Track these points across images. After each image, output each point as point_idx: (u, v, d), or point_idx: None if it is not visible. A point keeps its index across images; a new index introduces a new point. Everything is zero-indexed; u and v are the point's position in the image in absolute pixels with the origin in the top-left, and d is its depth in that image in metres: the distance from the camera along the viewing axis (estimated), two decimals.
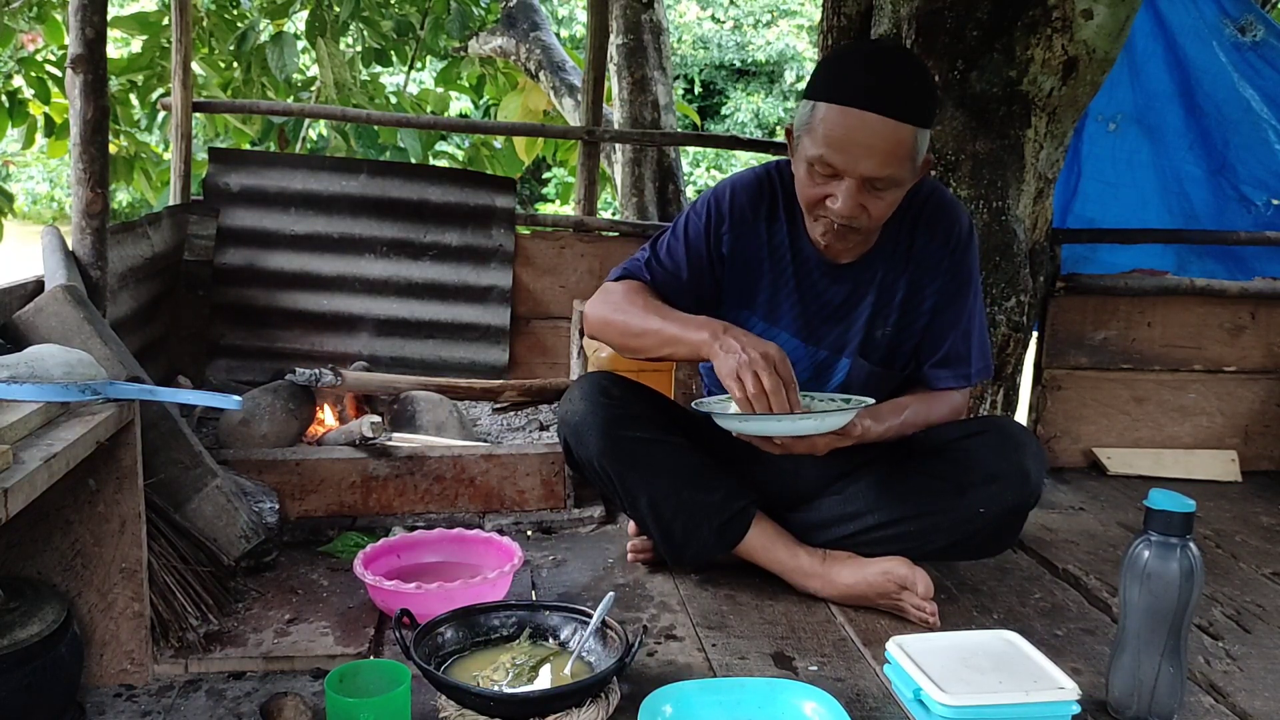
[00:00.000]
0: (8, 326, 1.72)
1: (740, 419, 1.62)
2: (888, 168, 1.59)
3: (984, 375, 1.92)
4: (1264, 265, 2.99)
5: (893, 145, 1.58)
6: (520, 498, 2.24)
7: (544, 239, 3.32)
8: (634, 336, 1.78)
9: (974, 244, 1.85)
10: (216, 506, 1.79)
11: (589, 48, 3.54)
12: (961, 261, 1.82)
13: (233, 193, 3.15)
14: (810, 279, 1.82)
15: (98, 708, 1.42)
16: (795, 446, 1.65)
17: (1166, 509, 1.41)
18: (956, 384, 1.87)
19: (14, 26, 4.67)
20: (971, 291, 1.85)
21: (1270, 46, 2.91)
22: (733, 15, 13.34)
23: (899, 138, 1.58)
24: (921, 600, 1.75)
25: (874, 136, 1.57)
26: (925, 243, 1.80)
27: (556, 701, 1.37)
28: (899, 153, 1.59)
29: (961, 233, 1.81)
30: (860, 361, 1.84)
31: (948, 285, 1.82)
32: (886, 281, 1.82)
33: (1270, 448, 2.89)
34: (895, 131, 1.57)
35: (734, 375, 1.58)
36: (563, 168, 6.74)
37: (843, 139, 1.59)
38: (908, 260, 1.81)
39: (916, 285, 1.82)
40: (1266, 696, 1.57)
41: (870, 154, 1.58)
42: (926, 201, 1.80)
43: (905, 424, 1.80)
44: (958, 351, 1.85)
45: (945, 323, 1.84)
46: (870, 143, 1.57)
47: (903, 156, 1.60)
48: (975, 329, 1.87)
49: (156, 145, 5.73)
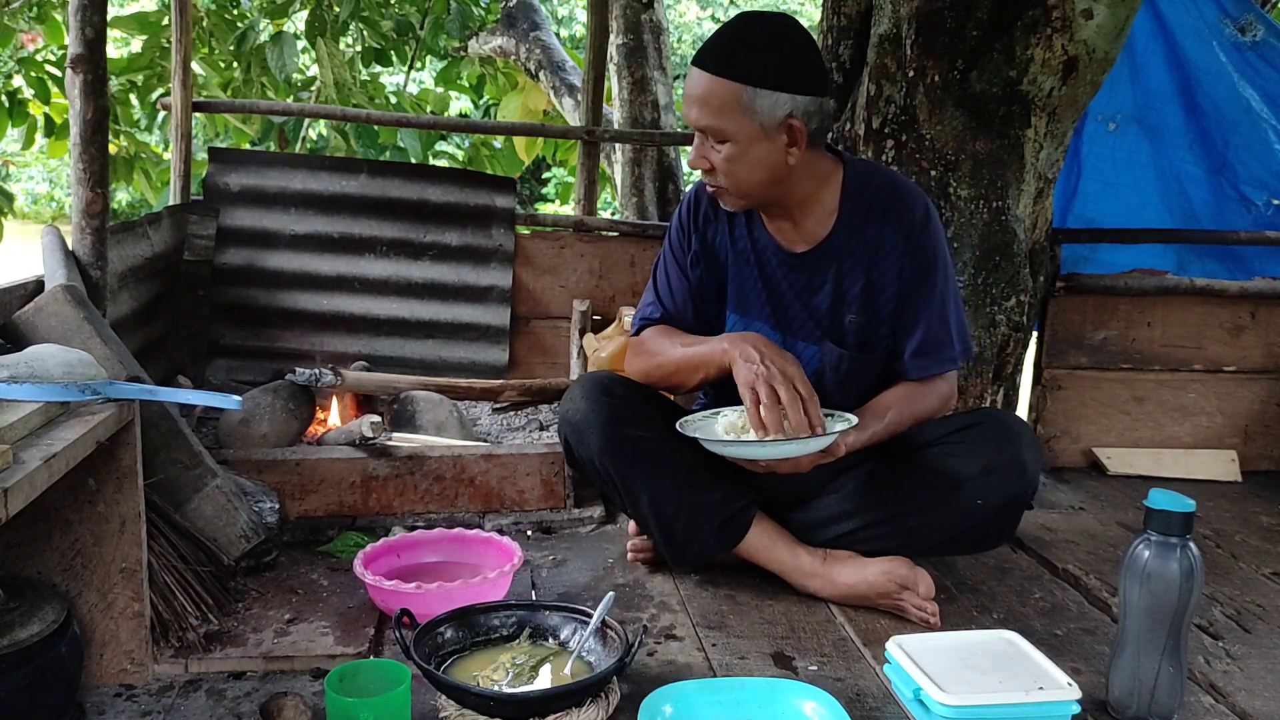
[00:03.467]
0: (8, 326, 1.72)
1: (723, 445, 1.67)
2: (710, 119, 1.68)
3: (966, 357, 1.91)
4: (1264, 265, 2.99)
5: (712, 99, 1.67)
6: (520, 498, 2.24)
7: (544, 239, 3.32)
8: (671, 375, 1.86)
9: (933, 227, 1.82)
10: (216, 506, 1.79)
11: (589, 48, 3.54)
12: (921, 246, 1.80)
13: (233, 193, 3.15)
14: (770, 268, 1.86)
15: (98, 708, 1.42)
16: (780, 467, 1.67)
17: (1166, 509, 1.41)
18: (940, 369, 1.85)
19: (14, 26, 4.67)
20: (939, 274, 1.83)
21: (1270, 46, 2.91)
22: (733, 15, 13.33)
23: (717, 92, 1.67)
24: (922, 600, 1.75)
25: (696, 89, 1.70)
26: (879, 230, 1.80)
27: (556, 701, 1.37)
28: (720, 107, 1.67)
29: (916, 217, 1.80)
30: (831, 347, 1.84)
31: (910, 271, 1.81)
32: (843, 270, 1.82)
33: (1270, 448, 2.89)
34: (714, 85, 1.67)
35: (749, 385, 1.63)
36: (563, 168, 6.74)
37: (684, 93, 1.74)
38: (863, 248, 1.81)
39: (876, 274, 1.81)
40: (1266, 696, 1.57)
41: (692, 104, 1.70)
42: (880, 189, 1.81)
43: (891, 425, 1.80)
44: (936, 338, 1.83)
45: (915, 308, 1.82)
46: (694, 94, 1.70)
47: (726, 111, 1.67)
48: (951, 313, 1.85)
49: (156, 145, 5.74)
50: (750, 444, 1.63)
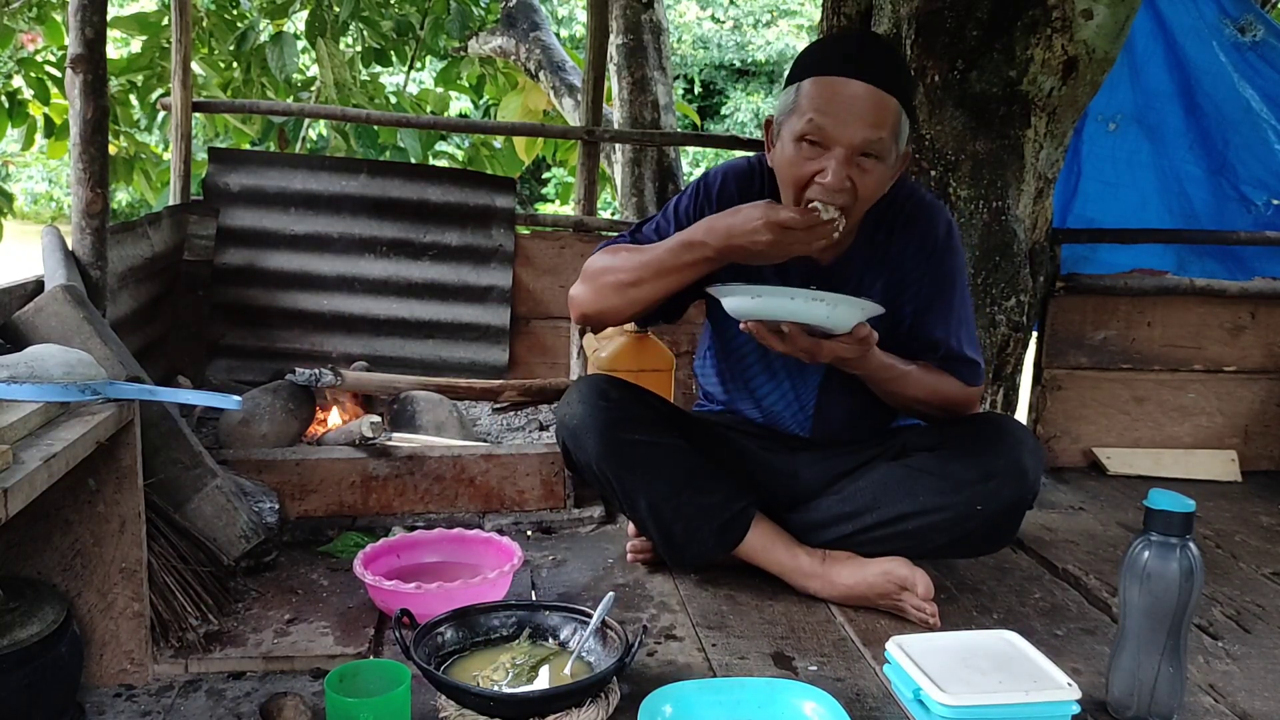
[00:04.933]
0: (8, 326, 1.72)
1: (753, 294, 1.58)
2: (877, 131, 1.59)
3: (982, 377, 1.91)
4: (1264, 265, 2.99)
5: (879, 111, 1.59)
6: (520, 498, 2.24)
7: (544, 239, 3.32)
8: (630, 286, 1.72)
9: (955, 246, 1.82)
10: (216, 506, 1.79)
11: (589, 48, 3.54)
12: (941, 264, 1.80)
13: (233, 193, 3.15)
14: (789, 276, 1.81)
15: (97, 708, 1.42)
16: (800, 341, 1.60)
17: (1166, 509, 1.41)
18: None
19: (14, 26, 4.67)
20: (956, 293, 1.83)
21: (1270, 46, 2.91)
22: (732, 15, 13.34)
23: (885, 104, 1.59)
24: (921, 600, 1.75)
25: (862, 103, 1.58)
26: (903, 245, 1.79)
27: (556, 701, 1.37)
28: (885, 120, 1.60)
29: (939, 235, 1.80)
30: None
31: (928, 289, 1.80)
32: (864, 284, 1.80)
33: (1270, 448, 2.89)
34: (881, 98, 1.59)
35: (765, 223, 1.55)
36: (563, 168, 6.74)
37: (830, 103, 1.59)
38: (884, 263, 1.80)
39: (895, 288, 1.80)
40: (1266, 696, 1.57)
41: (860, 119, 1.58)
42: (905, 204, 1.80)
43: (911, 374, 1.77)
44: (954, 355, 1.83)
45: (930, 325, 1.82)
46: (859, 109, 1.58)
47: (889, 126, 1.60)
48: (966, 333, 1.85)
49: (156, 145, 5.74)
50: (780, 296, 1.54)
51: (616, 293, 1.74)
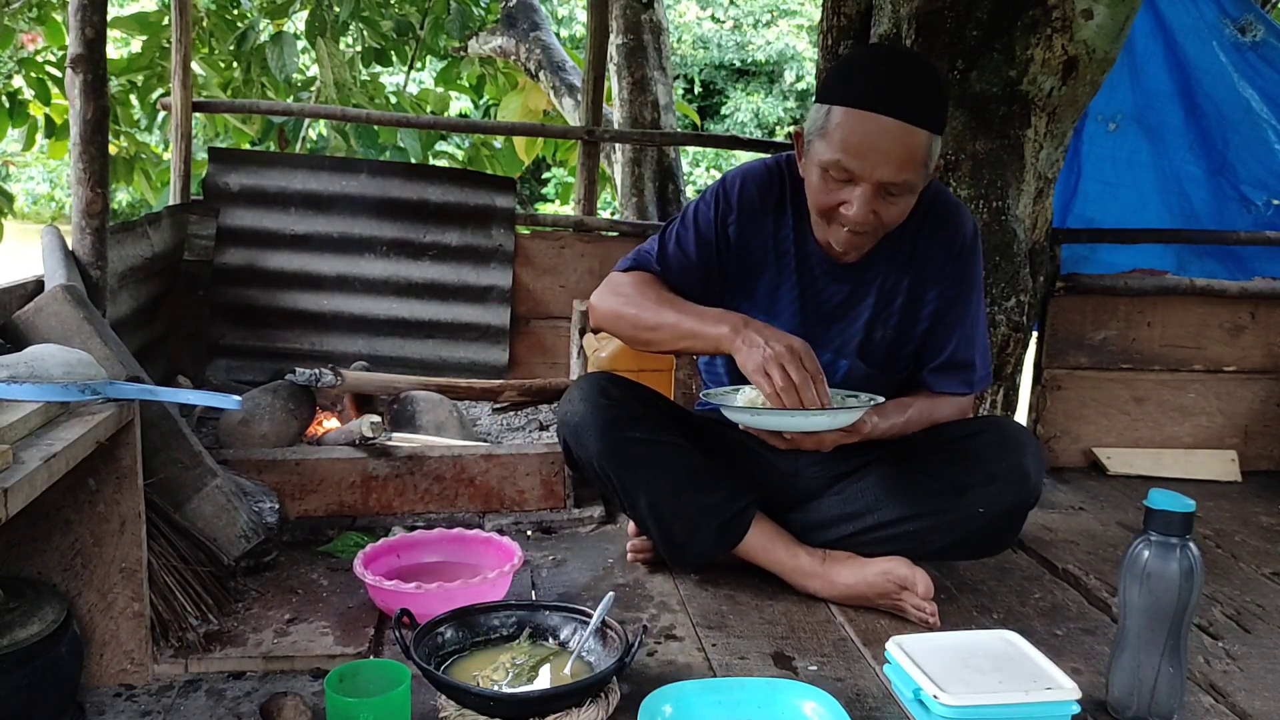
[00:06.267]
0: (8, 326, 1.72)
1: (753, 413, 1.61)
2: (904, 173, 1.58)
3: (985, 383, 1.91)
4: (1264, 265, 2.99)
5: (909, 150, 1.58)
6: (520, 498, 2.24)
7: (544, 239, 3.32)
8: (647, 330, 1.76)
9: (978, 249, 1.84)
10: (216, 506, 1.79)
11: (589, 48, 3.54)
12: (965, 266, 1.81)
13: (233, 193, 3.16)
14: (811, 276, 1.81)
15: (97, 708, 1.42)
16: (803, 443, 1.64)
17: (1166, 509, 1.41)
18: (959, 390, 1.87)
19: (14, 26, 4.67)
20: (974, 297, 1.85)
21: (1270, 46, 2.91)
22: (733, 15, 13.35)
23: (915, 143, 1.58)
24: (921, 600, 1.75)
25: (891, 141, 1.56)
26: (928, 246, 1.80)
27: (556, 701, 1.37)
28: (915, 158, 1.59)
29: (966, 238, 1.81)
30: (858, 364, 1.84)
31: (950, 290, 1.81)
32: (888, 284, 1.81)
33: (1270, 448, 2.89)
34: (911, 136, 1.57)
35: (761, 370, 1.57)
36: (563, 168, 6.75)
37: (859, 144, 1.57)
38: (910, 263, 1.81)
39: (918, 289, 1.81)
40: (1266, 696, 1.57)
41: (887, 159, 1.57)
42: (931, 205, 1.79)
43: (909, 422, 1.80)
44: (961, 358, 1.84)
45: (947, 327, 1.83)
46: (887, 148, 1.56)
47: (918, 162, 1.60)
48: (978, 336, 1.87)
49: (156, 145, 5.74)
50: (781, 414, 1.57)
51: (634, 330, 1.79)
